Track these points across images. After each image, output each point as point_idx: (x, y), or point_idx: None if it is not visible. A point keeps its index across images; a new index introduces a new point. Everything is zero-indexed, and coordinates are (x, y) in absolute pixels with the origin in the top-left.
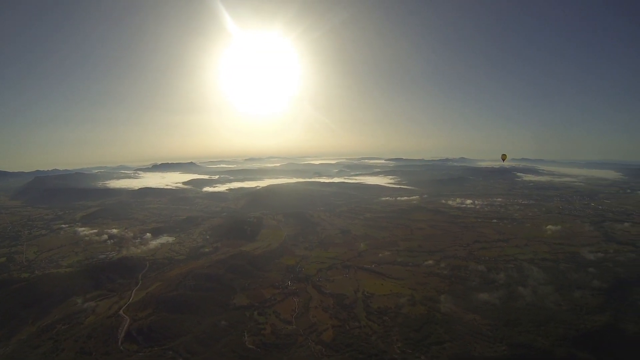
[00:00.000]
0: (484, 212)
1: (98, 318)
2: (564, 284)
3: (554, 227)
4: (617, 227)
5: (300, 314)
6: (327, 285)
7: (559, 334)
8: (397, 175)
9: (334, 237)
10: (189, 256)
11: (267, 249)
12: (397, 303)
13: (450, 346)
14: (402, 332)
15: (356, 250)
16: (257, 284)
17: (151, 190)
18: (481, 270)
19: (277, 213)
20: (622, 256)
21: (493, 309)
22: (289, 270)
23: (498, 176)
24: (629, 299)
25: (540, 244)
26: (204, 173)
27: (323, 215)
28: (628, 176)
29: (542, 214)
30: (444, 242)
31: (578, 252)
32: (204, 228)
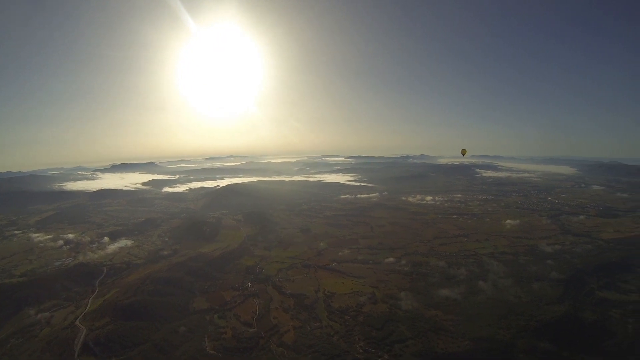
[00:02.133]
0: (444, 208)
1: (53, 330)
2: (524, 276)
3: (512, 221)
4: (573, 220)
5: (261, 316)
6: (288, 286)
7: (520, 326)
8: (358, 173)
9: (294, 236)
10: (147, 260)
11: (226, 249)
12: (358, 302)
13: (412, 343)
14: (364, 331)
15: (316, 249)
16: (217, 286)
17: (109, 192)
18: (442, 266)
19: (237, 213)
20: (579, 248)
21: (454, 304)
22: (248, 271)
23: (458, 173)
24: (585, 288)
25: (499, 238)
26: (164, 173)
27: (283, 214)
28: (583, 171)
29: (501, 208)
30: (404, 239)
31: (536, 245)
32: (163, 230)
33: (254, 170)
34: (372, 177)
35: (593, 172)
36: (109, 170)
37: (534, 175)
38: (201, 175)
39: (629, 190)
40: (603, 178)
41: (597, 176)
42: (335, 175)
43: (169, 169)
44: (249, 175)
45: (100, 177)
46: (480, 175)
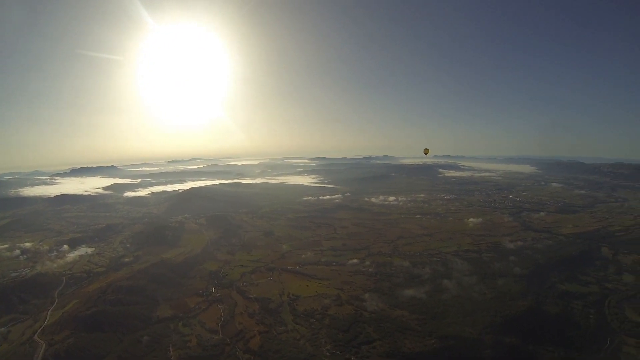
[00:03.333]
0: (408, 208)
1: (11, 346)
2: (488, 273)
3: (475, 219)
4: (533, 217)
5: (226, 322)
6: (252, 290)
7: (485, 322)
8: (320, 174)
9: (257, 239)
10: (109, 268)
11: (189, 254)
12: (324, 304)
13: (380, 344)
14: (331, 334)
15: (280, 252)
16: (181, 292)
17: (69, 197)
18: (406, 265)
19: (200, 216)
20: (540, 243)
21: (420, 304)
22: (212, 276)
23: (421, 173)
24: (548, 282)
25: (463, 236)
26: (126, 177)
27: (245, 217)
28: (542, 170)
29: (464, 207)
30: (368, 240)
31: (499, 242)
32: (125, 236)
33: (216, 173)
34: (334, 179)
35: (552, 170)
36: (69, 175)
37: (496, 174)
38: (164, 178)
39: (586, 187)
40: (561, 176)
41: (556, 174)
42: (298, 177)
43: (130, 172)
44: (212, 178)
45: (59, 181)
46: (443, 175)
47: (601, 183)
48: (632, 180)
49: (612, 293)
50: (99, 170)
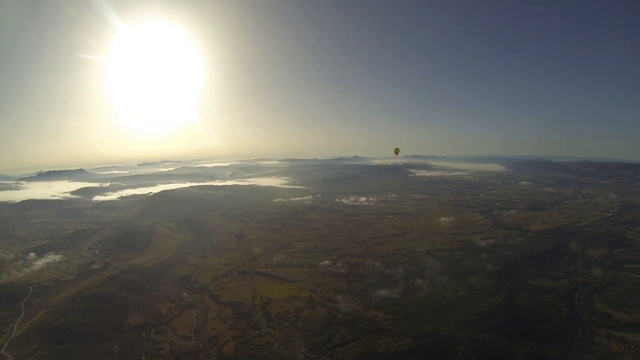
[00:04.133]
0: (379, 209)
1: None
2: (460, 271)
3: (447, 218)
4: (504, 215)
5: (199, 328)
6: (224, 294)
7: (459, 320)
8: (291, 176)
9: (229, 242)
10: (77, 275)
11: (160, 259)
12: (296, 307)
13: (354, 346)
14: (305, 337)
15: (251, 255)
16: (152, 299)
17: (35, 203)
18: (378, 266)
19: (170, 220)
20: (511, 240)
21: (394, 304)
22: (184, 280)
23: (391, 173)
24: (519, 278)
25: (435, 235)
26: (95, 180)
27: (216, 220)
28: (512, 169)
29: (436, 207)
30: (339, 241)
31: (471, 240)
32: (94, 242)
33: (187, 176)
34: (305, 180)
35: (521, 169)
36: (35, 179)
37: (466, 174)
38: (133, 181)
39: (555, 185)
40: (531, 174)
41: (525, 173)
42: (269, 178)
43: (99, 176)
44: (182, 181)
45: (25, 186)
46: (413, 175)
47: (569, 181)
48: (598, 177)
49: (582, 286)
50: (66, 174)
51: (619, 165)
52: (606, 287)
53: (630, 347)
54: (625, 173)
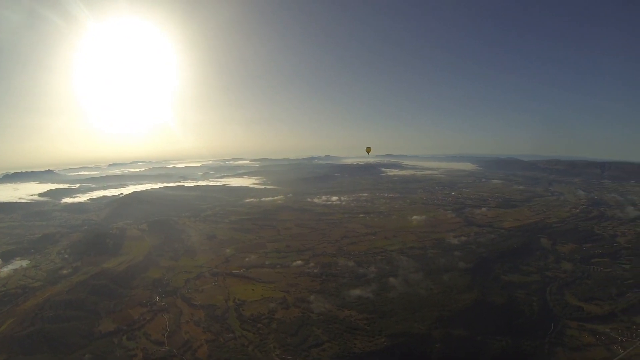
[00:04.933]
0: (351, 208)
1: None
2: (433, 269)
3: (419, 217)
4: (476, 212)
5: (172, 332)
6: (197, 297)
7: (433, 317)
8: (262, 176)
9: (200, 243)
10: (46, 281)
11: (131, 263)
12: (270, 308)
13: (329, 346)
14: (279, 338)
15: (223, 256)
16: (124, 304)
17: (1, 206)
18: (351, 265)
19: (142, 222)
20: (483, 237)
21: (368, 303)
22: (156, 284)
23: (363, 172)
24: (492, 274)
25: (407, 234)
26: (64, 182)
27: (188, 221)
28: (483, 167)
29: (408, 205)
30: (312, 241)
31: (443, 238)
32: (63, 246)
33: (158, 176)
34: (277, 180)
35: (492, 167)
36: (1, 181)
37: (438, 172)
38: (104, 183)
39: (525, 183)
40: (501, 173)
41: (496, 171)
42: (240, 178)
43: (69, 177)
44: (154, 182)
45: None
46: (385, 173)
47: (538, 178)
48: (566, 175)
49: (553, 281)
50: (34, 176)
51: (586, 164)
52: (576, 281)
53: (601, 338)
54: (592, 171)
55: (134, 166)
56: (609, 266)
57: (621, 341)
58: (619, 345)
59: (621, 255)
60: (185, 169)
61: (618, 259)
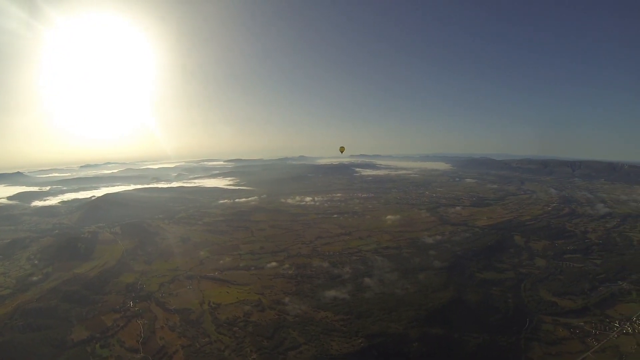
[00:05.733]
0: (325, 208)
1: None
2: (408, 268)
3: (393, 216)
4: (450, 211)
5: (147, 338)
6: (171, 301)
7: (410, 317)
8: (236, 177)
9: (174, 246)
10: (15, 289)
11: (103, 267)
12: (245, 311)
13: (306, 349)
14: (255, 342)
15: (198, 259)
16: (97, 310)
17: None
18: (326, 266)
19: (114, 225)
20: (457, 236)
21: (343, 304)
22: (129, 289)
23: (337, 172)
24: (467, 272)
25: (382, 233)
26: (33, 184)
27: (162, 223)
28: (456, 167)
29: (382, 205)
30: (286, 242)
31: (418, 237)
32: (33, 251)
33: (131, 178)
34: (250, 181)
35: (466, 167)
36: None
37: (412, 172)
38: (75, 185)
39: (498, 182)
40: (475, 172)
41: (470, 170)
42: (214, 179)
43: (39, 179)
44: (127, 183)
45: None
46: (359, 174)
47: (511, 177)
48: (538, 174)
49: (527, 277)
50: (2, 178)
51: (557, 163)
52: (550, 277)
53: (575, 331)
54: (563, 170)
55: (106, 167)
56: (581, 262)
57: (595, 334)
58: (593, 338)
59: (592, 251)
60: (159, 170)
61: (589, 254)
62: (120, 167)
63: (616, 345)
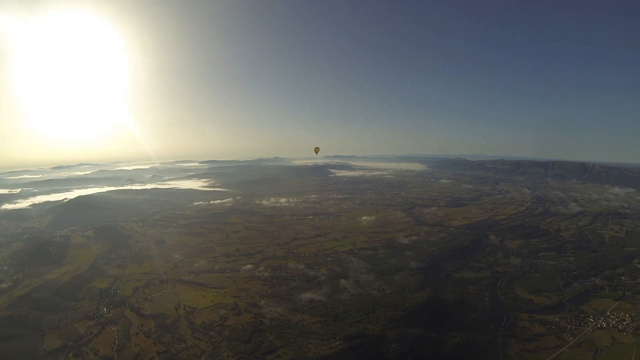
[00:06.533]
0: (300, 209)
1: None
2: (385, 269)
3: (368, 217)
4: (425, 212)
5: (122, 345)
6: (146, 306)
7: (387, 317)
8: (211, 178)
9: (149, 249)
10: None
11: (76, 273)
12: (221, 314)
13: (284, 352)
14: (232, 346)
15: (172, 262)
16: (69, 318)
17: None
18: (302, 268)
19: (87, 228)
20: (433, 236)
21: (320, 306)
22: (103, 294)
23: (312, 173)
24: (443, 272)
25: (357, 234)
26: (3, 186)
27: (136, 225)
28: (431, 167)
29: (357, 206)
30: (261, 243)
31: (394, 238)
32: (2, 257)
33: (105, 179)
34: (225, 182)
35: (441, 167)
36: None
37: (387, 173)
38: (47, 187)
39: (472, 182)
40: (450, 172)
41: (445, 171)
42: (189, 181)
43: (8, 181)
44: (100, 185)
45: None
46: (334, 175)
47: (485, 178)
48: (512, 174)
49: (502, 275)
50: None
51: (530, 163)
52: (525, 275)
53: (551, 327)
54: (536, 170)
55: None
56: (554, 259)
57: (570, 329)
58: (569, 333)
59: (566, 248)
60: (134, 172)
61: (563, 252)
62: (94, 169)
63: (591, 339)
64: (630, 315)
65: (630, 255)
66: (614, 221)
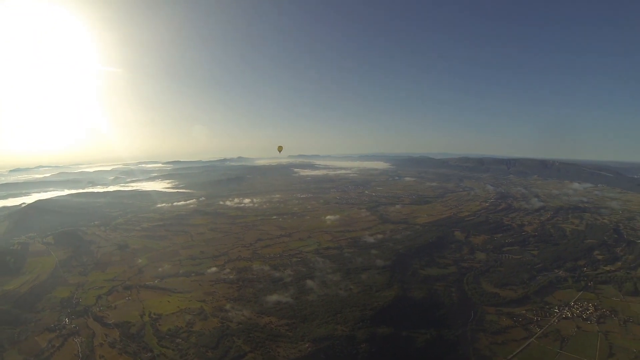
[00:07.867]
0: (264, 210)
1: None
2: (351, 268)
3: (333, 216)
4: (390, 210)
5: (86, 358)
6: (110, 314)
7: (356, 317)
8: (175, 179)
9: (112, 254)
10: None
11: (36, 282)
12: (188, 320)
13: (252, 357)
14: (199, 353)
15: (136, 267)
16: (29, 331)
17: None
18: (267, 269)
19: (47, 234)
20: (398, 234)
21: (287, 308)
22: (64, 304)
23: (276, 173)
24: (410, 270)
25: (322, 234)
26: None
27: (98, 230)
28: (396, 166)
29: (321, 205)
30: (226, 245)
31: (359, 236)
32: None
33: (66, 182)
34: (189, 183)
35: (405, 165)
36: None
37: (351, 172)
38: (3, 191)
39: (437, 180)
40: (414, 170)
41: (409, 169)
42: (152, 182)
43: None
44: (61, 188)
45: None
46: (298, 174)
47: (449, 175)
48: (475, 171)
49: (469, 271)
50: None
51: (493, 161)
52: (490, 269)
53: (518, 319)
54: (499, 167)
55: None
56: (519, 253)
57: (537, 321)
58: (536, 325)
59: (529, 242)
60: (95, 174)
61: (526, 246)
62: (53, 171)
63: (557, 329)
64: (593, 304)
65: (591, 247)
66: (574, 215)
